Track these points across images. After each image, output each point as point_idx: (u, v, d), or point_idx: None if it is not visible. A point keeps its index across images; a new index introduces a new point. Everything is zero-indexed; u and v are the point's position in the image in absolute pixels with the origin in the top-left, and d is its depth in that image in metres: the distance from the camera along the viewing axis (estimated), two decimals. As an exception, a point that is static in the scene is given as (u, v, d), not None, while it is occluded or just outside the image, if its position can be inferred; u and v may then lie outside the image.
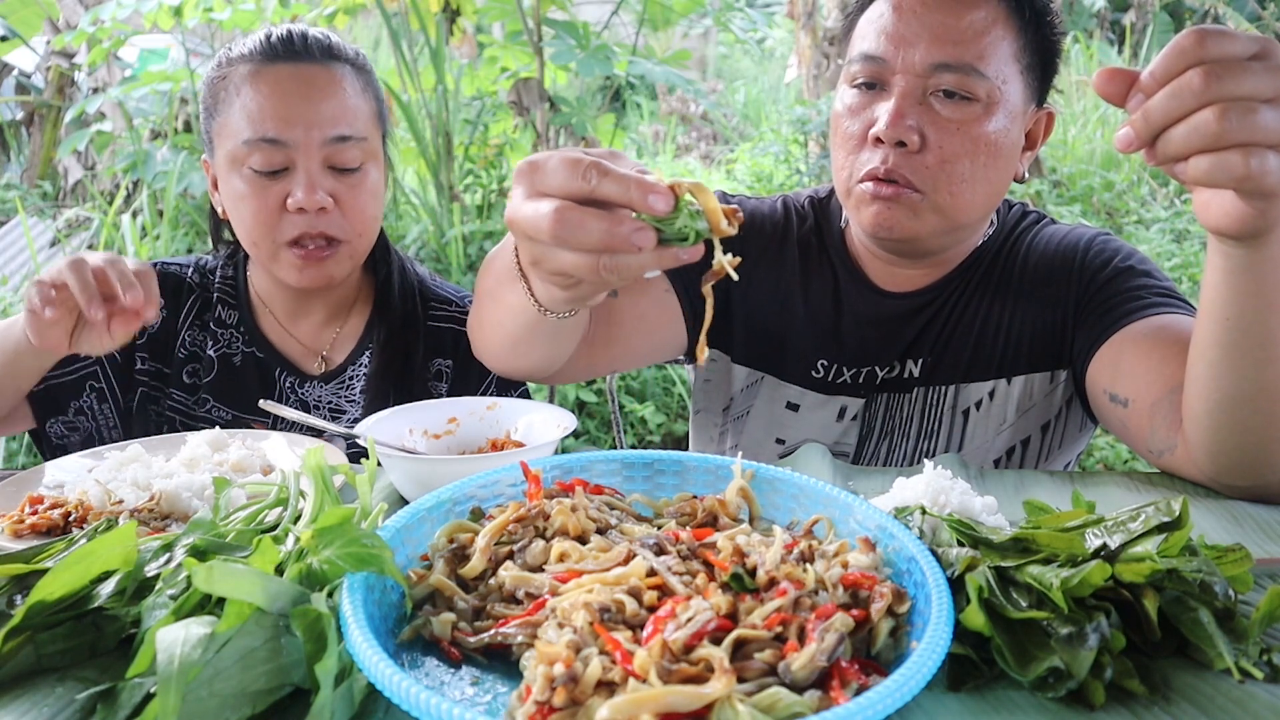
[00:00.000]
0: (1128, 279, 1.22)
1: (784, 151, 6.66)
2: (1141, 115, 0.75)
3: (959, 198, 1.17)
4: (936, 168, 1.15)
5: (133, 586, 0.64)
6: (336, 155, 1.23)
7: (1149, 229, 5.68)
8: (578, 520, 0.71)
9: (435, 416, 1.07)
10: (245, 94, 1.21)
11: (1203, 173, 0.75)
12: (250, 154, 1.20)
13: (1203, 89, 0.72)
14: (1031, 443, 1.30)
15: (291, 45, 1.24)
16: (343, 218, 1.25)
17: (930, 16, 1.14)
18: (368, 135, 1.27)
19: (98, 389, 1.35)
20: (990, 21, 1.14)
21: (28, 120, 6.21)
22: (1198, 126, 0.73)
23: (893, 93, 1.15)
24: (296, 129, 1.20)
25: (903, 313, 1.31)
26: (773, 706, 0.51)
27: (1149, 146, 0.76)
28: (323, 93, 1.22)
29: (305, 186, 1.20)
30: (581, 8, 5.78)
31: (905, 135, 1.13)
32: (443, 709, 0.48)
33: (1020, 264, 1.30)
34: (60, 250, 4.60)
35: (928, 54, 1.13)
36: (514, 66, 4.90)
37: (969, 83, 1.13)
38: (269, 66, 1.22)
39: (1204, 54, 0.72)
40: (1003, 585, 0.63)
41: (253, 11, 4.61)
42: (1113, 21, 9.17)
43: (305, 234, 1.23)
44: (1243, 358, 0.91)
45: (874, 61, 1.17)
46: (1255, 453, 0.96)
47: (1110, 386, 1.15)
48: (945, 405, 1.30)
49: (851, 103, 1.20)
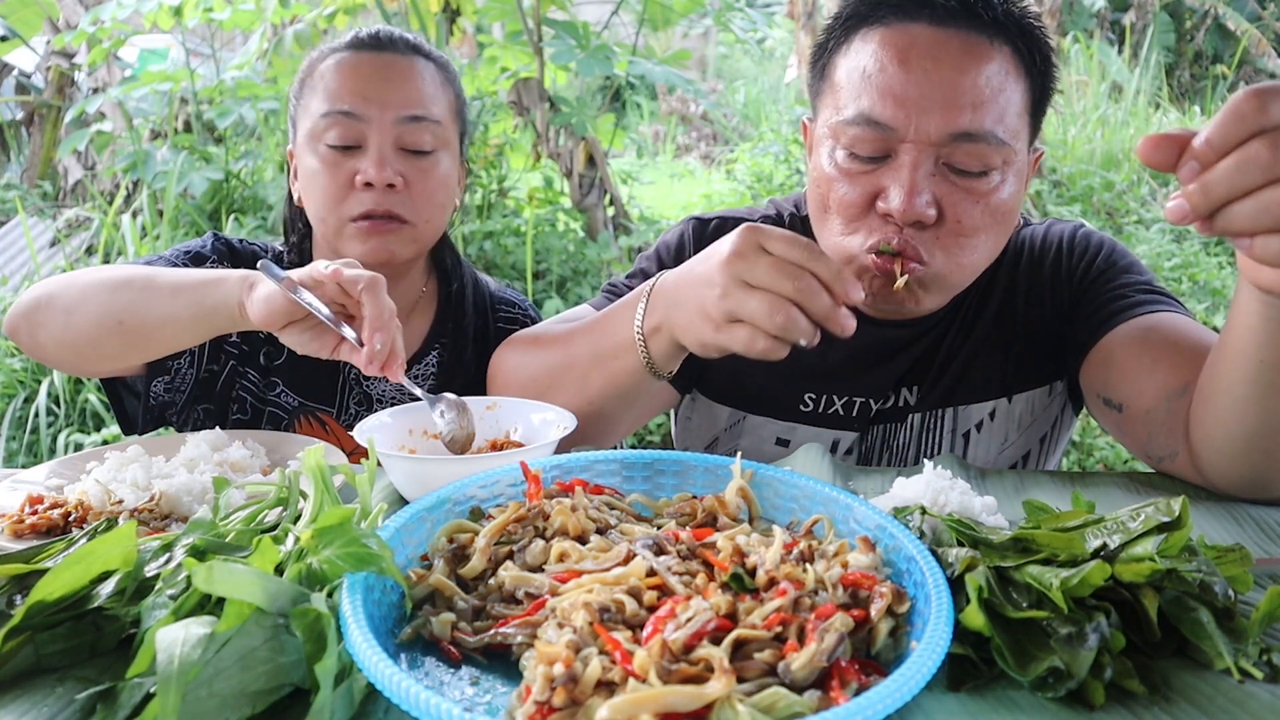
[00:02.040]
0: (1113, 276, 1.20)
1: (784, 151, 6.66)
2: (1200, 189, 0.67)
3: (969, 268, 1.10)
4: (951, 242, 1.06)
5: (133, 586, 0.64)
6: (408, 135, 1.25)
7: (1149, 229, 5.68)
8: (577, 520, 0.71)
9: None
10: (329, 76, 1.27)
11: (1273, 254, 0.68)
12: (326, 129, 1.24)
13: (1271, 163, 0.65)
14: (1030, 455, 1.29)
15: (378, 38, 1.30)
16: (410, 200, 1.26)
17: (941, 75, 1.02)
18: (442, 121, 1.29)
19: (193, 351, 1.32)
20: (1003, 76, 1.04)
21: (28, 120, 6.21)
22: (1268, 206, 0.66)
23: (901, 163, 1.04)
24: (372, 105, 1.24)
25: (898, 340, 1.25)
26: (772, 706, 0.51)
27: (1205, 219, 0.69)
28: (401, 75, 1.27)
29: (375, 162, 1.23)
30: (581, 8, 5.78)
31: (923, 214, 1.03)
32: (443, 709, 0.48)
33: (1009, 278, 1.27)
34: (60, 250, 4.59)
35: (944, 122, 1.02)
36: (514, 66, 4.90)
37: (987, 153, 1.03)
38: (354, 54, 1.28)
39: (1266, 120, 0.65)
40: (1002, 585, 0.63)
41: (253, 11, 4.61)
42: (1113, 21, 9.17)
43: (372, 210, 1.24)
44: (1274, 396, 0.88)
45: (879, 129, 1.04)
46: (1269, 475, 0.95)
47: (1103, 391, 1.13)
48: (944, 429, 1.26)
49: (849, 167, 1.08)
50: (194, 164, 4.62)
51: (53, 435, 3.43)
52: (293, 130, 1.35)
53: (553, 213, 5.14)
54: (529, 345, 1.18)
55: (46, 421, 3.45)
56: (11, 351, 3.72)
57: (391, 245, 1.27)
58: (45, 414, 3.46)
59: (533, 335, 1.20)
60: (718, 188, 7.24)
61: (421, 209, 1.27)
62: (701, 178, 8.45)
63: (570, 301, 4.46)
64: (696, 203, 6.87)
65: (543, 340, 1.16)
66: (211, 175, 4.62)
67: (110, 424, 3.40)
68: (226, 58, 5.80)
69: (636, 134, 9.86)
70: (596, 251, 4.80)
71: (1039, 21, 1.09)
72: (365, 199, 1.24)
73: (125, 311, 1.10)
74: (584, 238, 4.98)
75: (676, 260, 1.29)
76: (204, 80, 5.31)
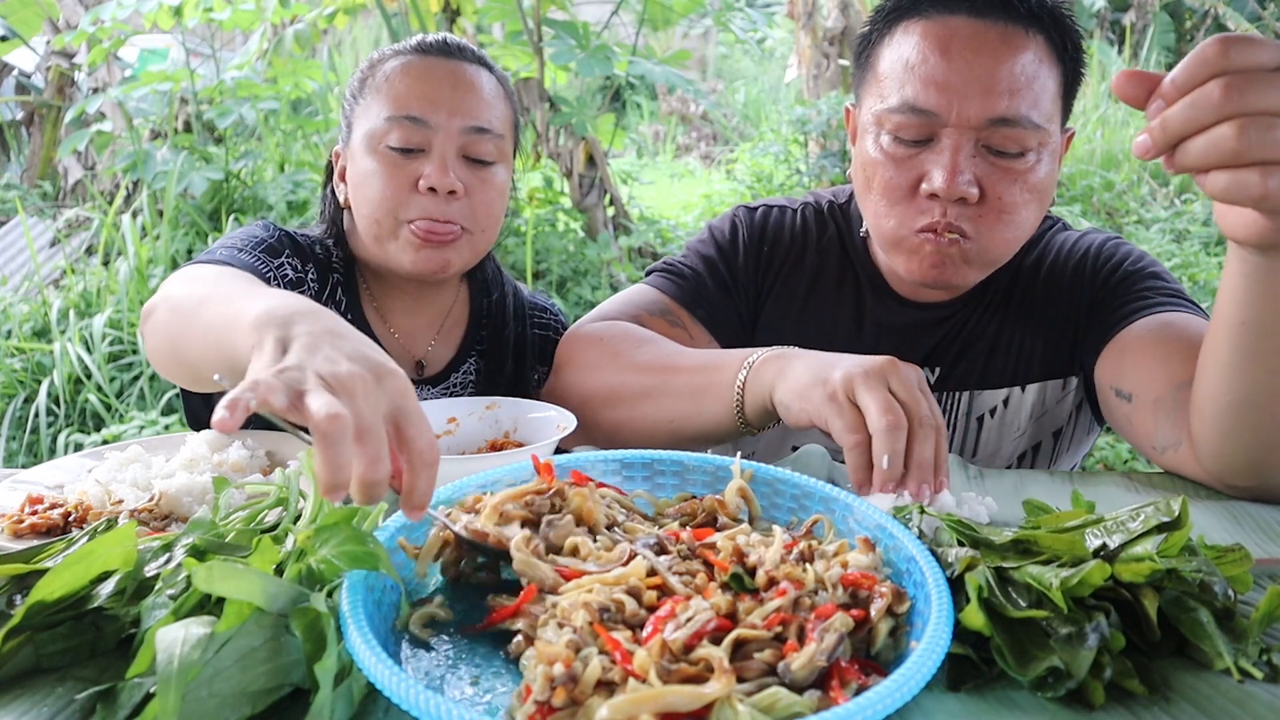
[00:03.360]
0: (1137, 280, 1.22)
1: (784, 151, 6.66)
2: (1160, 124, 0.73)
3: (1011, 243, 1.16)
4: (994, 218, 1.12)
5: (132, 586, 0.64)
6: (472, 145, 1.25)
7: (1149, 229, 5.68)
8: (593, 507, 0.71)
9: (435, 416, 1.07)
10: (395, 78, 1.26)
11: (1220, 189, 0.73)
12: (390, 131, 1.23)
13: (1223, 102, 0.69)
14: (1043, 448, 1.31)
15: (445, 45, 1.30)
16: (470, 208, 1.26)
17: (981, 63, 1.09)
18: (504, 135, 1.30)
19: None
20: (1038, 64, 1.11)
21: (28, 120, 6.21)
22: (1216, 141, 0.71)
23: (943, 146, 1.11)
24: (440, 112, 1.23)
25: (925, 323, 1.30)
26: (772, 706, 0.51)
27: (1167, 155, 0.74)
28: (468, 85, 1.26)
29: (439, 168, 1.22)
30: (581, 8, 5.78)
31: (965, 192, 1.10)
32: (442, 709, 0.48)
33: (1033, 271, 1.30)
34: (60, 250, 4.60)
35: (983, 108, 1.09)
36: (514, 66, 4.90)
37: (1024, 136, 1.10)
38: (421, 58, 1.28)
39: (1227, 64, 0.70)
40: (1002, 585, 0.63)
41: (253, 11, 4.61)
42: (1113, 21, 9.17)
43: (431, 215, 1.23)
44: (1257, 362, 0.90)
45: (923, 115, 1.11)
46: (1263, 455, 0.96)
47: (1116, 382, 1.15)
48: (959, 411, 1.30)
49: (894, 152, 1.15)
50: (194, 164, 4.62)
51: (53, 435, 3.43)
52: (346, 131, 1.33)
53: (553, 213, 5.14)
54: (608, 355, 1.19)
55: (46, 421, 3.45)
56: (11, 351, 3.72)
57: (449, 255, 1.25)
58: (45, 414, 3.46)
59: (613, 345, 1.20)
60: (718, 188, 7.25)
61: (481, 218, 1.27)
62: (701, 178, 8.45)
63: (570, 301, 4.46)
64: (696, 203, 6.87)
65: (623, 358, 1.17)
66: (211, 175, 4.63)
67: (110, 423, 3.40)
68: (226, 58, 5.80)
69: (636, 134, 9.86)
70: (596, 251, 4.81)
71: (1069, 10, 1.15)
72: (425, 204, 1.23)
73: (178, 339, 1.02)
74: (584, 238, 4.98)
75: (733, 245, 1.36)
76: (204, 80, 5.31)
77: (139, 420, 3.35)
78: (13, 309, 3.95)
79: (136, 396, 3.57)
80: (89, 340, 3.69)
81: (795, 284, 1.35)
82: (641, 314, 1.27)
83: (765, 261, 1.35)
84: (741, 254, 1.35)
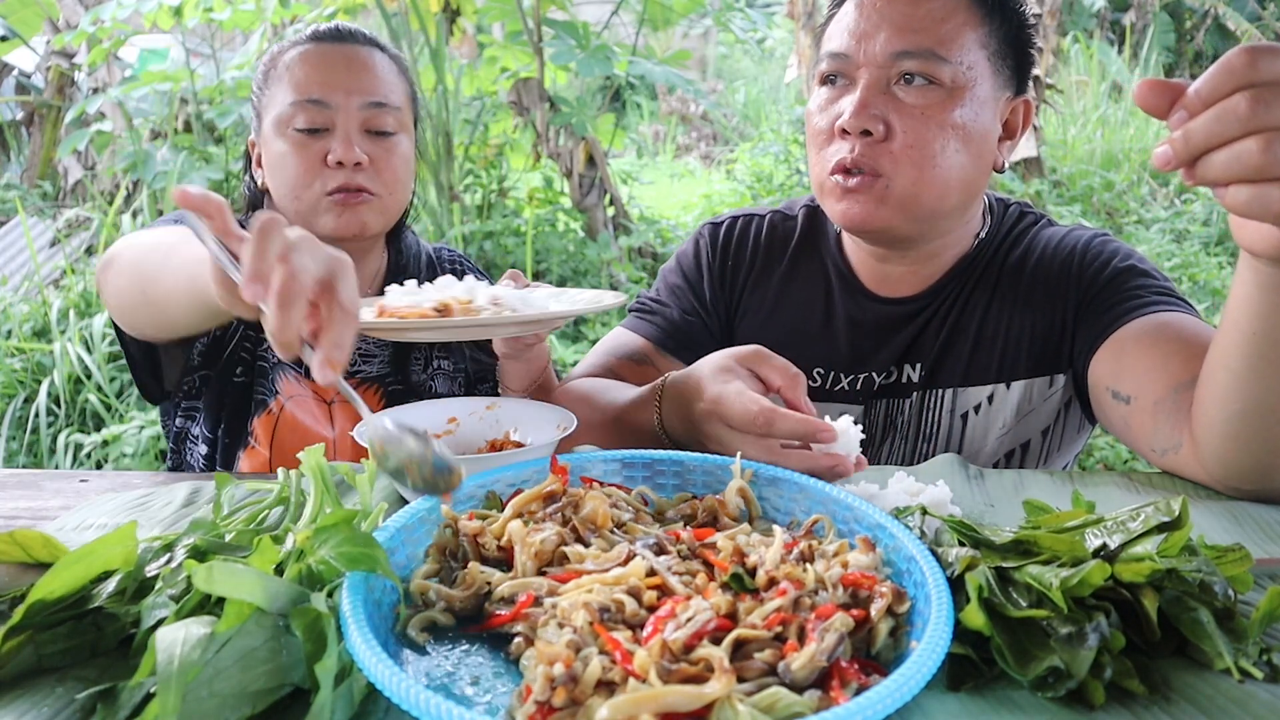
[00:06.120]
0: (1128, 279, 1.22)
1: (784, 151, 6.66)
2: (1183, 136, 0.71)
3: (927, 183, 1.18)
4: (902, 154, 1.16)
5: (133, 586, 0.64)
6: (373, 120, 1.36)
7: (1149, 229, 5.68)
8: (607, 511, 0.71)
9: (435, 416, 1.07)
10: (295, 66, 1.37)
11: (1241, 203, 0.71)
12: (295, 115, 1.33)
13: (1249, 115, 0.67)
14: (1031, 446, 1.30)
15: (338, 31, 1.42)
16: (377, 175, 1.36)
17: (890, 9, 1.18)
18: (401, 108, 1.41)
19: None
20: (950, 9, 1.17)
21: (28, 120, 6.21)
22: (1240, 156, 0.69)
23: (858, 85, 1.18)
24: (338, 93, 1.34)
25: (898, 318, 1.31)
26: (773, 706, 0.51)
27: (1188, 167, 0.72)
28: (363, 66, 1.38)
29: (344, 143, 1.33)
30: (581, 8, 5.78)
31: (870, 124, 1.15)
32: (443, 709, 0.48)
33: (1018, 266, 1.30)
34: (60, 250, 4.60)
35: (888, 44, 1.16)
36: (514, 66, 4.91)
37: (931, 67, 1.15)
38: (317, 45, 1.39)
39: (1254, 76, 0.68)
40: (1002, 585, 0.63)
41: (253, 11, 4.61)
42: (1113, 21, 9.18)
43: (343, 185, 1.34)
44: (1269, 371, 0.90)
45: (839, 58, 1.20)
46: (1270, 460, 0.95)
47: (1112, 384, 1.14)
48: (943, 409, 1.30)
49: (821, 100, 1.23)
50: (194, 164, 4.62)
51: (53, 435, 3.43)
52: (256, 121, 1.43)
53: (553, 213, 5.15)
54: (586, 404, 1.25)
55: (46, 421, 3.45)
56: (11, 351, 3.72)
57: (363, 216, 1.36)
58: (45, 414, 3.46)
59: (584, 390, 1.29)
60: (718, 188, 7.24)
61: (388, 183, 1.38)
62: (701, 178, 8.45)
63: (570, 301, 4.45)
64: (696, 203, 6.87)
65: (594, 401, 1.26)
66: (211, 175, 4.63)
67: (110, 423, 3.40)
68: (226, 58, 5.80)
69: (636, 134, 9.87)
70: (596, 251, 4.81)
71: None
72: (337, 176, 1.33)
73: (147, 279, 1.05)
74: (584, 238, 4.98)
75: (696, 268, 1.43)
76: (204, 80, 5.31)
77: (139, 420, 3.35)
78: (13, 309, 3.95)
79: (136, 396, 3.57)
80: (89, 340, 3.70)
81: (765, 290, 1.38)
82: (612, 361, 1.37)
83: (731, 274, 1.42)
84: (706, 274, 1.43)
